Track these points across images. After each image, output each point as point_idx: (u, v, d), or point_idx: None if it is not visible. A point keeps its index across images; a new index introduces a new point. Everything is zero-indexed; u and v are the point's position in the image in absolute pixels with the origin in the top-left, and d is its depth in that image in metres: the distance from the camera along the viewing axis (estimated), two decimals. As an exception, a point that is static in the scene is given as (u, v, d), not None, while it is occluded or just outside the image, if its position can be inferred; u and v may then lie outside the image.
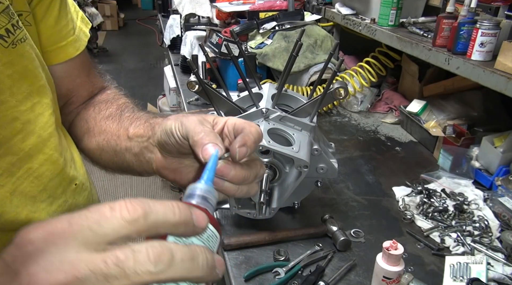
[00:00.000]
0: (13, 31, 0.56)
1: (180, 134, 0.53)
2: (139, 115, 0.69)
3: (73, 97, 0.77)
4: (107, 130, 0.70)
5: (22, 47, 0.57)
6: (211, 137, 0.49)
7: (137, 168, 0.66)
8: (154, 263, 0.31)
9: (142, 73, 5.95)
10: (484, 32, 1.07)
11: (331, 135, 1.58)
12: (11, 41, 0.55)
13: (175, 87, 2.52)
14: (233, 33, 1.17)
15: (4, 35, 0.55)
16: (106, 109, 0.74)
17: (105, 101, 0.77)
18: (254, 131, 0.52)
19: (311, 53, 1.79)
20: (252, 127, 0.52)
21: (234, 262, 0.93)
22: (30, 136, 0.59)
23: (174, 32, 2.63)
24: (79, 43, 0.73)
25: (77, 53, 0.72)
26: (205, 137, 0.49)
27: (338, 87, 0.94)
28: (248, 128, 0.52)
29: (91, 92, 0.80)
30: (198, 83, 0.96)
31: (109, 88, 0.83)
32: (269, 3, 2.08)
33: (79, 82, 0.77)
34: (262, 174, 0.55)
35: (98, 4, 7.58)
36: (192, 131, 0.51)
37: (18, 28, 0.57)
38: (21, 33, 0.57)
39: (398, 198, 1.17)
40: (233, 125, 0.53)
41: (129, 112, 0.71)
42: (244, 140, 0.50)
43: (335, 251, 0.96)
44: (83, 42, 0.74)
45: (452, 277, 0.88)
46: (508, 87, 0.99)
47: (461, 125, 1.40)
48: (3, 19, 0.55)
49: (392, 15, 1.48)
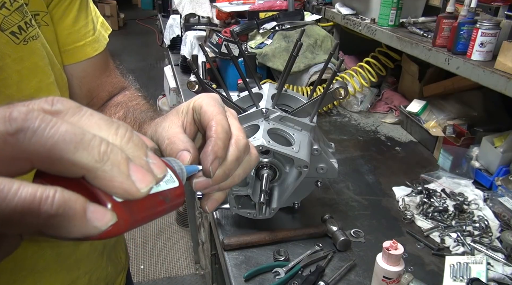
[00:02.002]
0: (25, 28, 0.58)
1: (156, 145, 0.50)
2: (138, 119, 0.69)
3: (94, 99, 0.79)
4: None
5: (33, 44, 0.59)
6: (178, 144, 0.46)
7: None
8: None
9: (142, 73, 5.95)
10: (484, 32, 1.07)
11: (331, 135, 1.58)
12: (22, 38, 0.57)
13: (175, 87, 2.52)
14: (233, 33, 1.17)
15: (17, 32, 0.56)
16: (115, 114, 0.75)
17: (116, 104, 0.78)
18: (220, 131, 0.46)
19: (311, 53, 1.79)
20: (218, 126, 0.46)
21: (234, 262, 0.93)
22: None
23: (174, 32, 2.63)
24: (98, 44, 0.75)
25: (96, 54, 0.74)
26: (173, 146, 0.46)
27: (338, 87, 0.94)
28: (215, 128, 0.46)
29: (111, 92, 0.81)
30: (198, 83, 0.96)
31: (128, 88, 0.84)
32: (269, 3, 2.08)
33: (99, 83, 0.78)
34: (255, 158, 0.51)
35: (98, 4, 7.58)
36: (161, 140, 0.49)
37: (31, 26, 0.59)
38: (33, 31, 0.59)
39: (398, 198, 1.17)
40: (199, 111, 0.49)
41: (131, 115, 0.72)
42: (214, 151, 0.44)
43: (335, 251, 0.96)
44: (102, 43, 0.76)
45: (452, 277, 0.88)
46: (508, 87, 0.99)
47: (461, 125, 1.40)
48: (17, 16, 0.57)
49: (392, 15, 1.48)
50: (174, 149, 0.46)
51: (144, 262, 2.63)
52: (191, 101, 0.51)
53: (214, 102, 0.49)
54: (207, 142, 0.45)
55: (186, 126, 0.51)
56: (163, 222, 2.97)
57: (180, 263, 2.63)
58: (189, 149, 0.45)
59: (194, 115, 0.50)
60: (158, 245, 2.77)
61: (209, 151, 0.44)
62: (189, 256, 2.66)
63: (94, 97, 0.79)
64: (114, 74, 0.82)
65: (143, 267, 2.59)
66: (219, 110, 0.48)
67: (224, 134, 0.46)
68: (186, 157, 0.44)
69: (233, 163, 0.47)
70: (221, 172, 0.45)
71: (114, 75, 0.82)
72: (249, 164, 0.50)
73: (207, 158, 0.44)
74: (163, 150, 0.48)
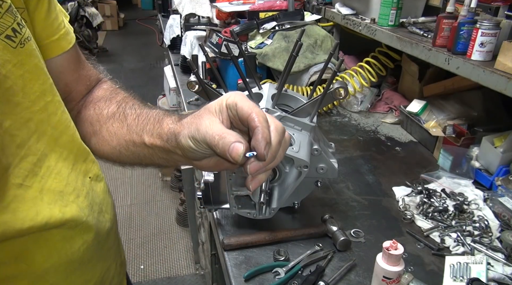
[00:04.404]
0: (19, 30, 0.55)
1: (201, 144, 0.57)
2: (145, 116, 0.69)
3: (72, 93, 0.77)
4: (118, 133, 0.71)
5: (29, 45, 0.57)
6: (229, 137, 0.54)
7: (164, 164, 0.70)
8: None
9: (142, 73, 5.95)
10: (484, 32, 1.07)
11: (331, 135, 1.58)
12: (18, 40, 0.54)
13: (175, 87, 2.52)
14: (233, 33, 1.17)
15: (11, 35, 0.53)
16: (106, 108, 0.74)
17: (103, 99, 0.77)
18: (263, 121, 0.55)
19: (311, 53, 1.79)
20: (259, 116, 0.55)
21: (234, 262, 0.93)
22: (43, 136, 0.59)
23: (174, 32, 2.63)
24: (70, 36, 0.72)
25: (70, 46, 0.72)
26: (224, 141, 0.54)
27: (338, 87, 0.94)
28: (258, 119, 0.54)
29: (89, 85, 0.80)
30: (198, 83, 0.96)
31: (104, 81, 0.83)
32: (269, 3, 2.08)
33: (76, 77, 0.77)
34: (288, 138, 0.60)
35: (98, 4, 7.58)
36: (210, 138, 0.55)
37: (23, 27, 0.56)
38: (26, 31, 0.56)
39: (398, 198, 1.17)
40: (234, 107, 0.56)
41: (131, 111, 0.71)
42: (264, 138, 0.53)
43: (335, 251, 0.96)
44: (73, 34, 0.73)
45: (452, 277, 0.88)
46: (508, 87, 0.99)
47: (461, 125, 1.40)
48: (9, 18, 0.53)
49: (392, 15, 1.48)
50: (226, 142, 0.53)
51: (144, 262, 2.63)
52: (223, 100, 0.58)
53: (245, 98, 0.57)
54: (255, 131, 0.54)
55: (223, 122, 0.57)
56: (163, 222, 2.97)
57: (180, 263, 2.63)
58: (240, 140, 0.54)
59: (228, 112, 0.57)
60: (158, 245, 2.77)
61: (260, 138, 0.53)
62: (189, 256, 2.66)
63: (72, 92, 0.77)
64: (88, 66, 0.80)
65: (143, 267, 2.59)
66: (253, 103, 0.57)
67: (266, 123, 0.55)
68: (240, 147, 0.53)
69: (277, 146, 0.56)
70: (270, 155, 0.55)
71: (89, 68, 0.80)
72: (286, 144, 0.60)
73: (260, 144, 0.53)
74: (214, 145, 0.54)
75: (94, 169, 0.71)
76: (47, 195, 0.58)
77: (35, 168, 0.57)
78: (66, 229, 0.60)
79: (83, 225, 0.63)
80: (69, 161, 0.64)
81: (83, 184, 0.66)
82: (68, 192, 0.62)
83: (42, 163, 0.59)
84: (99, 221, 0.68)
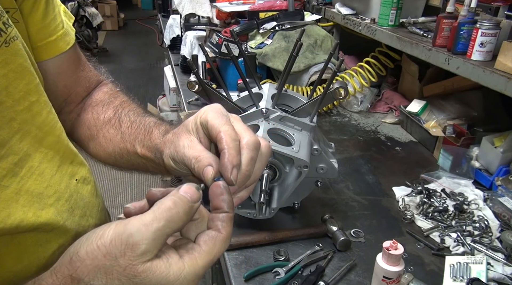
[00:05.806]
0: (5, 29, 0.54)
1: (181, 164, 0.57)
2: (138, 125, 0.70)
3: (71, 95, 0.77)
4: (113, 140, 0.71)
5: (15, 45, 0.56)
6: (204, 160, 0.52)
7: (159, 173, 0.70)
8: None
9: (142, 73, 5.95)
10: (484, 32, 1.07)
11: (331, 135, 1.58)
12: (3, 39, 0.54)
13: (175, 87, 2.53)
14: (233, 33, 1.17)
15: None
16: (103, 113, 0.74)
17: (101, 103, 0.77)
18: (230, 141, 0.51)
19: (311, 53, 1.79)
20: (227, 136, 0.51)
21: (234, 262, 0.93)
22: (26, 136, 0.58)
23: (174, 32, 2.64)
24: (69, 37, 0.72)
25: (68, 47, 0.71)
26: (199, 164, 0.52)
27: (338, 87, 0.94)
28: (225, 139, 0.51)
29: (88, 87, 0.79)
30: (198, 83, 0.96)
31: (105, 83, 0.83)
32: (269, 3, 2.08)
33: (75, 78, 0.76)
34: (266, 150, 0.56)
35: (98, 4, 7.58)
36: (187, 160, 0.54)
37: (10, 26, 0.56)
38: (12, 31, 0.56)
39: (398, 198, 1.17)
40: (206, 125, 0.54)
41: (126, 119, 0.72)
42: (230, 161, 0.49)
43: (335, 251, 0.96)
44: (72, 36, 0.73)
45: (452, 277, 0.88)
46: (508, 87, 0.99)
47: (461, 125, 1.40)
48: None
49: (392, 15, 1.48)
50: (200, 166, 0.52)
51: (144, 262, 2.62)
52: (197, 117, 0.55)
53: (217, 114, 0.54)
54: (221, 154, 0.50)
55: (200, 141, 0.55)
56: (163, 222, 2.97)
57: (180, 263, 2.63)
58: (211, 163, 0.51)
59: (203, 130, 0.55)
60: (158, 245, 2.76)
61: (225, 163, 0.49)
62: (189, 256, 2.66)
63: (71, 94, 0.77)
64: (88, 67, 0.80)
65: (143, 267, 2.58)
66: (224, 120, 0.53)
67: (233, 143, 0.51)
68: (210, 171, 0.50)
69: (250, 164, 0.52)
70: (242, 176, 0.51)
71: (89, 69, 0.80)
72: (264, 157, 0.56)
73: (226, 169, 0.49)
74: (191, 168, 0.53)
75: (81, 171, 0.70)
76: (24, 196, 0.57)
77: (15, 168, 0.56)
78: (40, 233, 0.59)
79: (59, 229, 0.61)
80: (54, 162, 0.63)
81: (67, 186, 0.65)
82: (47, 195, 0.61)
83: (24, 163, 0.58)
84: (80, 225, 0.66)
